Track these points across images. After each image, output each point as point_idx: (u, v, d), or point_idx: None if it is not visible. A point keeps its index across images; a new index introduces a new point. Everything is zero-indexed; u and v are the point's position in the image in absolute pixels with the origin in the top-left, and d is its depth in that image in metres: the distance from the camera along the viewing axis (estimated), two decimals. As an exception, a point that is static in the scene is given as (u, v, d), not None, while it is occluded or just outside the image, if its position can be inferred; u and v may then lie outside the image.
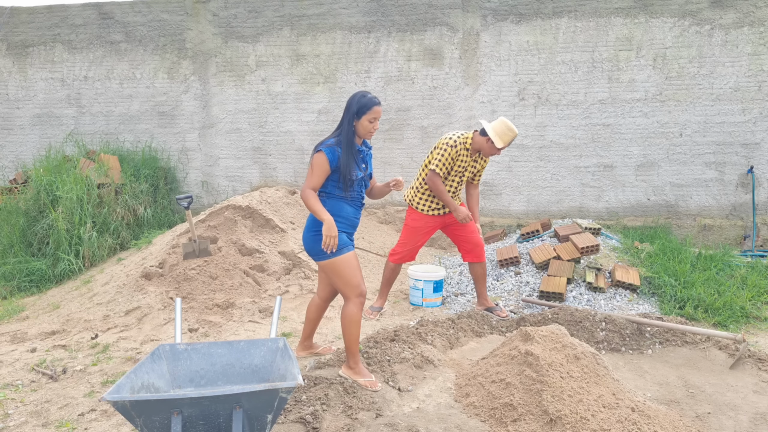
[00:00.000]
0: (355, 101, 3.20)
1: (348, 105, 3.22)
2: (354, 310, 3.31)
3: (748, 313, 4.78)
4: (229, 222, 6.05)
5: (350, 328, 3.33)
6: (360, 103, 3.19)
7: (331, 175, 3.26)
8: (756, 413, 3.22)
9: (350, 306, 3.32)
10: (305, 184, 3.20)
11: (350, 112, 3.21)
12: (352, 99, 3.22)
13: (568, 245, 5.59)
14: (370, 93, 3.25)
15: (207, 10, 7.91)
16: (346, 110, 3.23)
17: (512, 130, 4.39)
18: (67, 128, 8.34)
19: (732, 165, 7.11)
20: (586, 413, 2.91)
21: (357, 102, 3.20)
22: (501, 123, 4.39)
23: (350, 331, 3.33)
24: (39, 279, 6.16)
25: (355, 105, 3.20)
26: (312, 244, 3.30)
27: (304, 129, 7.90)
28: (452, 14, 7.43)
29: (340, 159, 3.19)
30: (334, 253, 3.23)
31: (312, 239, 3.29)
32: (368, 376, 3.40)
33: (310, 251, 3.34)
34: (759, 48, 6.91)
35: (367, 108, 3.19)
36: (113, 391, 2.27)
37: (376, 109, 3.21)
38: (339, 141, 3.22)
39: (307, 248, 3.35)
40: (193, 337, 4.45)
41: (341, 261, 3.26)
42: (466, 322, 4.51)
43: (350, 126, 3.21)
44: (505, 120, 4.40)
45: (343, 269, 3.26)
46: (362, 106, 3.19)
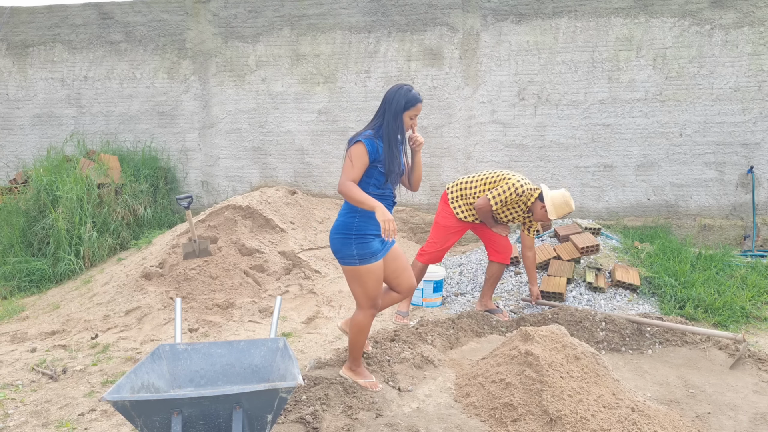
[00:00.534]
0: (402, 95, 3.06)
1: (389, 98, 3.08)
2: (365, 320, 3.25)
3: (748, 313, 4.78)
4: (229, 222, 6.04)
5: (358, 335, 3.29)
6: (406, 98, 3.05)
7: (367, 170, 3.08)
8: (756, 413, 3.22)
9: (362, 315, 3.25)
10: (343, 176, 3.00)
11: (394, 105, 3.06)
12: (396, 93, 3.07)
13: (568, 245, 5.59)
14: (410, 87, 3.11)
15: (207, 10, 7.91)
16: (386, 104, 3.08)
17: (569, 206, 4.38)
18: (67, 128, 8.34)
19: (732, 165, 7.11)
20: (586, 413, 2.91)
21: (403, 96, 3.06)
22: (561, 196, 4.38)
23: (357, 339, 3.30)
24: (39, 279, 6.16)
25: (402, 99, 3.05)
26: (340, 247, 3.14)
27: (304, 129, 7.90)
28: (452, 14, 7.43)
29: (379, 152, 3.05)
30: (362, 260, 3.10)
31: (340, 242, 3.13)
32: (368, 377, 3.38)
33: (336, 253, 3.18)
34: (759, 48, 6.91)
35: (412, 104, 3.07)
36: (113, 391, 2.27)
37: (419, 105, 3.11)
38: (377, 134, 3.09)
39: (334, 250, 3.19)
40: (193, 337, 4.45)
41: (366, 270, 3.13)
42: (466, 322, 4.51)
43: (396, 120, 3.06)
44: (565, 193, 4.39)
45: (365, 279, 3.15)
46: (408, 101, 3.05)
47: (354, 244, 3.09)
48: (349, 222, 3.10)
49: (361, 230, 3.10)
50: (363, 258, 3.10)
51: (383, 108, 3.10)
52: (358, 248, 3.09)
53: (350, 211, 3.12)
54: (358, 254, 3.10)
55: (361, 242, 3.10)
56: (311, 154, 7.92)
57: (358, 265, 3.11)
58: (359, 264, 3.11)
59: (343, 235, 3.11)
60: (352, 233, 3.09)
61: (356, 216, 3.10)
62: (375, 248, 3.14)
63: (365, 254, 3.10)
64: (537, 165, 7.43)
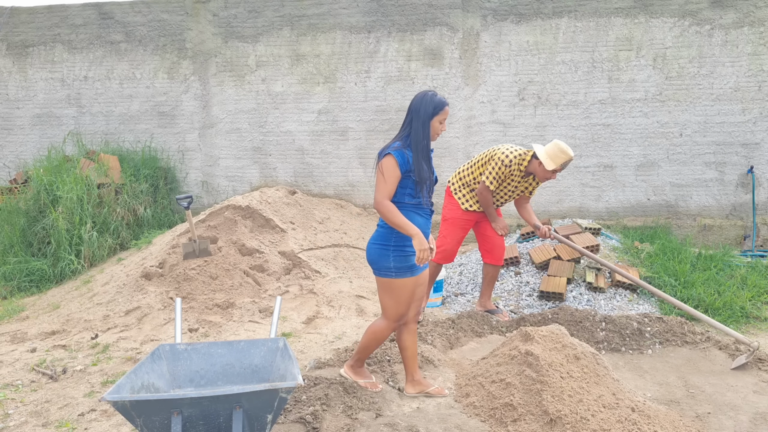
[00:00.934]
0: (428, 102, 3.02)
1: (416, 106, 3.04)
2: (385, 331, 3.22)
3: (748, 313, 4.78)
4: (229, 222, 6.04)
5: (372, 342, 3.27)
6: (433, 103, 3.02)
7: (400, 182, 3.03)
8: (756, 413, 3.22)
9: (383, 325, 3.21)
10: (378, 194, 2.96)
11: (422, 112, 3.02)
12: (422, 100, 3.03)
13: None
14: (434, 92, 3.08)
15: (207, 10, 7.91)
16: (414, 112, 3.04)
17: (565, 153, 4.19)
18: (67, 128, 8.33)
19: (732, 165, 7.11)
20: (586, 413, 2.91)
21: (430, 102, 3.02)
22: (553, 145, 4.23)
23: (369, 344, 3.28)
24: (39, 279, 6.16)
25: (429, 105, 3.02)
26: (377, 258, 3.09)
27: (304, 129, 7.90)
28: (452, 14, 7.43)
29: (410, 162, 3.00)
30: (398, 274, 3.05)
31: (378, 252, 3.08)
32: (368, 377, 3.38)
33: (372, 264, 3.14)
34: (759, 48, 6.91)
35: (440, 108, 3.03)
36: (113, 391, 2.27)
37: (446, 109, 3.08)
38: (406, 144, 3.04)
39: (370, 260, 3.15)
40: (193, 337, 4.45)
41: (401, 284, 3.08)
42: (466, 322, 4.51)
43: (424, 128, 3.01)
44: (558, 142, 4.22)
45: (399, 293, 3.10)
46: (436, 106, 3.02)
47: (392, 256, 3.04)
48: (387, 233, 3.06)
49: (399, 242, 3.05)
50: (399, 271, 3.06)
51: (410, 117, 3.05)
52: (396, 261, 3.04)
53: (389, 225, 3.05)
54: (395, 267, 3.05)
55: (399, 255, 3.05)
56: (311, 154, 7.93)
57: (393, 278, 3.06)
58: (395, 277, 3.06)
59: (381, 246, 3.07)
60: (390, 244, 3.05)
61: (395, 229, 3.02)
62: (412, 262, 3.08)
63: (402, 267, 3.05)
64: (537, 165, 7.43)
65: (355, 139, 7.80)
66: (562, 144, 4.19)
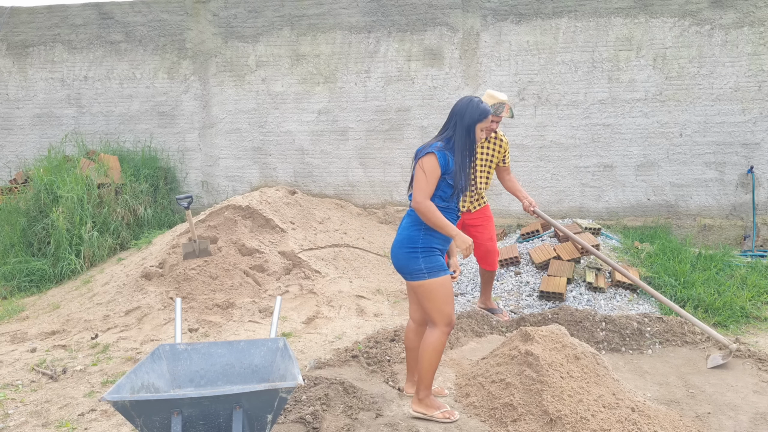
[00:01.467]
0: (474, 107, 2.97)
1: (461, 111, 2.97)
2: (441, 339, 3.01)
3: (748, 313, 4.78)
4: (229, 222, 6.05)
5: (432, 356, 3.01)
6: (479, 111, 2.96)
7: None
8: (756, 413, 3.22)
9: (437, 333, 3.01)
10: (419, 193, 2.90)
11: (467, 118, 2.96)
12: (467, 106, 2.97)
13: (568, 245, 5.59)
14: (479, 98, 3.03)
15: (207, 10, 7.91)
16: (458, 116, 2.97)
17: (494, 96, 4.09)
18: (67, 128, 8.33)
19: (732, 165, 7.11)
20: (586, 413, 2.91)
21: (476, 108, 2.97)
22: (485, 94, 4.21)
23: (431, 360, 3.01)
24: (39, 279, 6.16)
25: (475, 112, 2.96)
26: (406, 262, 3.00)
27: (304, 129, 7.90)
28: (452, 14, 7.43)
29: (450, 165, 2.94)
30: (431, 273, 2.96)
31: (406, 257, 3.00)
32: (443, 407, 3.11)
33: (402, 269, 3.04)
34: (759, 48, 6.91)
35: (484, 116, 2.98)
36: (113, 391, 2.27)
37: (490, 117, 3.05)
38: (448, 146, 2.98)
39: (400, 266, 3.04)
40: (193, 337, 4.45)
41: (437, 283, 2.97)
42: (466, 322, 4.52)
43: (469, 134, 2.96)
44: (489, 90, 4.24)
45: (437, 293, 2.97)
46: (481, 113, 2.96)
47: (421, 258, 2.97)
48: (414, 235, 2.99)
49: (427, 243, 2.99)
50: (432, 271, 2.97)
51: (454, 120, 2.99)
52: (426, 261, 2.97)
53: (415, 224, 3.01)
54: (426, 267, 2.97)
55: (428, 255, 2.98)
56: (311, 154, 7.93)
57: (428, 279, 2.96)
58: (429, 277, 2.97)
59: (409, 249, 2.99)
60: (418, 247, 2.98)
61: (422, 229, 2.99)
62: (442, 261, 3.03)
63: (434, 267, 2.98)
64: (537, 165, 7.43)
65: (355, 139, 7.80)
66: (492, 90, 4.22)
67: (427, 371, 3.03)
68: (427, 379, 3.05)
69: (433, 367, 3.03)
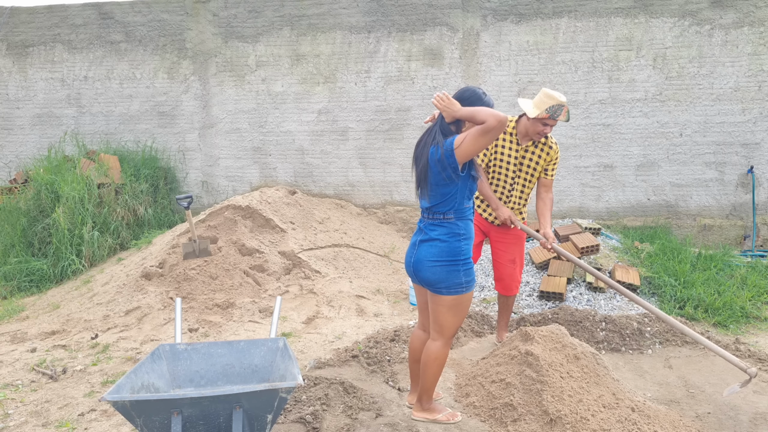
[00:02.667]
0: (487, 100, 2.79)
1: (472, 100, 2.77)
2: (445, 350, 2.90)
3: (748, 313, 4.78)
4: (229, 222, 6.05)
5: (438, 369, 2.92)
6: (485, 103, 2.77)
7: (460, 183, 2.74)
8: (756, 413, 3.22)
9: (440, 344, 2.89)
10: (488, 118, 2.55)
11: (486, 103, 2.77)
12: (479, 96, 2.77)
13: (568, 245, 5.59)
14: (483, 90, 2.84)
15: (207, 10, 7.91)
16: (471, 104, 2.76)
17: (551, 97, 3.54)
18: (67, 128, 8.33)
19: (732, 165, 7.11)
20: (586, 413, 2.91)
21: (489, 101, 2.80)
22: (540, 93, 3.64)
23: (434, 371, 2.91)
24: (39, 279, 6.16)
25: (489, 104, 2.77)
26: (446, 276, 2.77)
27: (304, 129, 7.90)
28: (452, 14, 7.43)
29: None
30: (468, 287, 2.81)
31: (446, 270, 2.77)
32: (445, 410, 3.06)
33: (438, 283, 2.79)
34: (759, 48, 6.91)
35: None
36: (113, 391, 2.27)
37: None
38: None
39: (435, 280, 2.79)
40: (193, 337, 4.45)
41: (468, 298, 2.85)
42: (466, 322, 4.51)
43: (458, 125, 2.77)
44: (545, 89, 3.63)
45: (464, 307, 2.85)
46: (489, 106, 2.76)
47: (462, 271, 2.78)
48: (456, 247, 2.77)
49: (467, 254, 2.81)
50: (469, 284, 2.82)
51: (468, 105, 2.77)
52: (466, 274, 2.80)
53: (455, 235, 2.78)
54: (466, 281, 2.80)
55: (467, 268, 2.82)
56: (311, 154, 7.92)
57: (464, 293, 2.80)
58: (466, 291, 2.81)
59: (450, 263, 2.76)
60: (460, 259, 2.78)
61: (462, 239, 2.79)
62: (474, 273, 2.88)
63: (471, 280, 2.82)
64: (537, 165, 7.43)
65: (355, 139, 7.80)
66: (550, 90, 3.62)
67: (432, 382, 2.96)
68: (431, 390, 2.99)
69: (437, 378, 2.97)
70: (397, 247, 6.91)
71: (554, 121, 3.60)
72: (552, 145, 3.78)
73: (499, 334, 4.24)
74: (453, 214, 2.78)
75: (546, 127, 3.62)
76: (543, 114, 3.56)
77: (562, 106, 3.56)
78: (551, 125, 3.62)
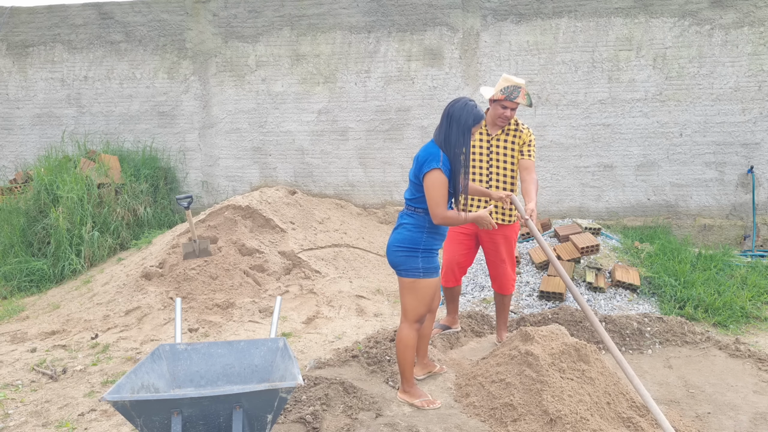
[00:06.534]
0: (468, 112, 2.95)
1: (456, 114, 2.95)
2: (411, 334, 3.17)
3: (748, 313, 4.78)
4: (229, 222, 6.04)
5: (405, 351, 3.19)
6: (473, 114, 2.95)
7: None
8: (756, 413, 3.22)
9: (405, 329, 3.18)
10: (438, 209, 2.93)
11: (462, 122, 2.94)
12: (464, 108, 2.96)
13: (568, 245, 5.59)
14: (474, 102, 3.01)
15: (207, 10, 7.91)
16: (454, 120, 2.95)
17: (509, 79, 3.64)
18: (67, 128, 8.33)
19: (732, 165, 7.11)
20: (586, 413, 2.91)
21: (470, 113, 2.95)
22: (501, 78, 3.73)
23: (404, 354, 3.20)
24: (39, 279, 6.16)
25: (470, 117, 2.95)
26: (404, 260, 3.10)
27: (304, 129, 7.90)
28: (452, 14, 7.43)
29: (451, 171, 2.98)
30: (426, 274, 3.09)
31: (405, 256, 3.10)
32: (423, 396, 3.29)
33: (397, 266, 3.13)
34: (759, 48, 6.91)
35: (479, 120, 2.97)
36: (113, 391, 2.27)
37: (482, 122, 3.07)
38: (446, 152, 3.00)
39: (395, 263, 3.14)
40: (193, 337, 4.45)
41: (426, 284, 3.12)
42: (466, 322, 4.51)
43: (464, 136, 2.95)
44: (504, 74, 3.77)
45: (423, 292, 3.12)
46: (476, 117, 2.96)
47: (420, 258, 3.08)
48: (417, 237, 3.08)
49: (428, 245, 3.10)
50: (427, 272, 3.10)
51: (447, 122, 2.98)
52: (425, 262, 3.10)
53: (418, 227, 3.08)
54: (424, 267, 3.09)
55: (427, 256, 3.10)
56: (311, 154, 7.92)
57: (421, 278, 3.10)
58: (423, 277, 3.10)
59: (408, 250, 3.09)
60: (419, 247, 3.09)
61: (425, 232, 3.08)
62: (437, 263, 3.16)
63: (430, 268, 3.11)
64: (537, 165, 7.43)
65: (355, 139, 7.80)
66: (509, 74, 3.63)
67: (402, 364, 3.23)
68: (406, 372, 3.25)
69: (408, 360, 3.21)
70: (397, 247, 6.90)
71: (513, 104, 3.64)
72: (522, 129, 3.81)
73: (498, 333, 4.23)
74: (423, 211, 3.07)
75: (506, 110, 3.66)
76: (499, 95, 3.63)
77: (519, 88, 3.62)
78: (510, 108, 3.66)
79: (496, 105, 3.68)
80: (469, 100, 3.00)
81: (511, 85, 3.61)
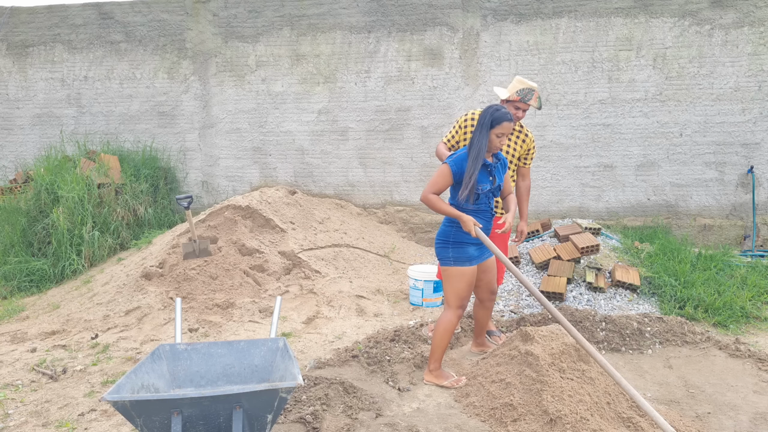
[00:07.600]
0: (489, 114, 3.26)
1: (481, 117, 3.28)
2: (452, 320, 3.46)
3: (748, 313, 4.78)
4: (229, 222, 6.04)
5: (443, 335, 3.45)
6: (492, 117, 3.24)
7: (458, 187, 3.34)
8: (756, 413, 3.22)
9: (449, 314, 3.47)
10: (426, 189, 3.34)
11: (482, 124, 3.26)
12: (486, 111, 3.28)
13: (568, 245, 5.59)
14: (504, 108, 3.29)
15: (207, 10, 7.91)
16: (478, 122, 3.29)
17: (522, 81, 3.81)
18: (68, 128, 8.33)
19: (732, 165, 7.11)
20: (586, 413, 2.91)
21: (490, 115, 3.25)
22: (513, 79, 3.89)
23: (442, 338, 3.46)
24: (39, 279, 6.16)
25: (488, 118, 3.25)
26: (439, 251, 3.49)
27: (304, 129, 7.90)
28: (452, 14, 7.43)
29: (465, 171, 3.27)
30: (456, 263, 3.40)
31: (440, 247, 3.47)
32: (450, 377, 3.51)
33: (437, 256, 3.51)
34: (759, 48, 6.91)
35: (497, 122, 3.23)
36: (113, 391, 2.27)
37: (505, 124, 3.24)
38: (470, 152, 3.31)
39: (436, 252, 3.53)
40: (193, 337, 4.45)
41: (458, 272, 3.42)
42: (466, 322, 4.51)
43: (481, 137, 3.25)
44: (518, 76, 3.90)
45: (456, 280, 3.42)
46: (494, 119, 3.24)
47: (451, 248, 3.41)
48: (447, 231, 3.44)
49: (458, 238, 3.39)
50: (457, 261, 3.41)
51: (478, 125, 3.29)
52: (455, 252, 3.41)
53: (449, 223, 3.43)
54: (454, 257, 3.41)
55: (457, 248, 3.40)
56: (311, 154, 7.93)
57: (452, 266, 3.42)
58: (453, 265, 3.42)
59: (442, 242, 3.46)
60: (450, 240, 3.42)
61: (453, 226, 3.40)
62: (470, 254, 3.42)
63: (460, 258, 3.40)
64: (537, 165, 7.43)
65: (355, 139, 7.80)
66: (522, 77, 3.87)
67: (437, 347, 3.47)
68: (437, 353, 3.48)
69: (443, 344, 3.46)
70: (397, 247, 6.91)
71: (526, 105, 3.82)
72: (527, 133, 4.00)
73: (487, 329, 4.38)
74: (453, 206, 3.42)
75: (518, 111, 3.83)
76: (514, 96, 3.79)
77: (533, 91, 3.81)
78: (523, 109, 3.83)
79: (510, 105, 3.86)
80: (501, 107, 3.27)
81: (526, 88, 3.81)
